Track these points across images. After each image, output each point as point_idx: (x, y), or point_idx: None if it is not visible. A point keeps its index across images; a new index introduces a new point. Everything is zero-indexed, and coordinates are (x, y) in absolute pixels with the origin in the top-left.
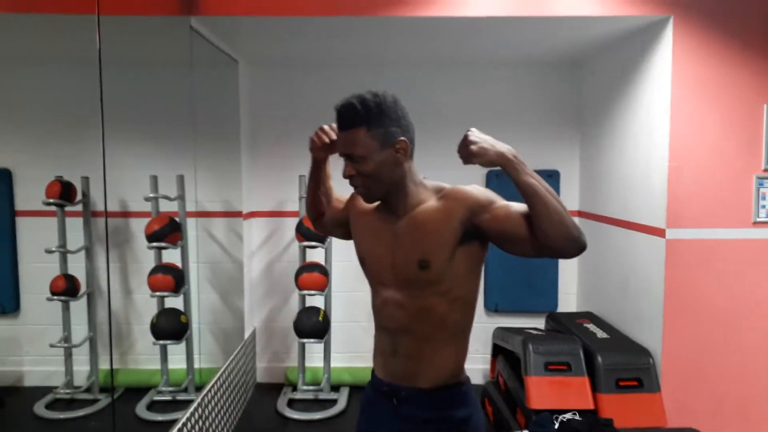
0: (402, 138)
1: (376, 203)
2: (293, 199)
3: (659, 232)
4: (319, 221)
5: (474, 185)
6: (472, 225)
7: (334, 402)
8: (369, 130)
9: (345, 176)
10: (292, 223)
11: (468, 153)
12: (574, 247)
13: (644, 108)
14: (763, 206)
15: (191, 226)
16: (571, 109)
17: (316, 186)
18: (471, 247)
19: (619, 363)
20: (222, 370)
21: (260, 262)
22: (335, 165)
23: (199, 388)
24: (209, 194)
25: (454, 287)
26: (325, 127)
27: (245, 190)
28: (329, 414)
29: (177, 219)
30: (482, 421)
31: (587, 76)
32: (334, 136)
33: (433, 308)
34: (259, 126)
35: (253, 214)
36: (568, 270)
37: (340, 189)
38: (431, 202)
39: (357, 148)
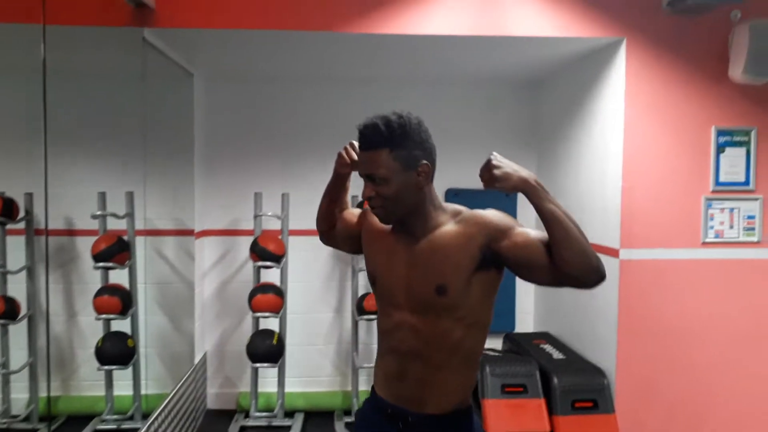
0: (425, 162)
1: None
2: (248, 218)
3: (613, 252)
4: (329, 233)
5: (492, 210)
6: (490, 251)
7: (288, 429)
8: (392, 152)
9: (365, 197)
10: (246, 242)
11: (491, 177)
12: (595, 276)
13: (599, 129)
14: (711, 227)
15: (140, 245)
16: (528, 129)
17: (333, 200)
18: (488, 273)
19: (575, 384)
20: (170, 396)
21: (212, 283)
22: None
23: (146, 416)
24: (160, 212)
25: (470, 313)
26: (355, 142)
27: (198, 208)
28: None
29: (125, 238)
30: None
31: (544, 97)
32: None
33: (448, 334)
34: (214, 141)
35: (205, 233)
36: (524, 290)
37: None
38: (449, 226)
39: (379, 170)
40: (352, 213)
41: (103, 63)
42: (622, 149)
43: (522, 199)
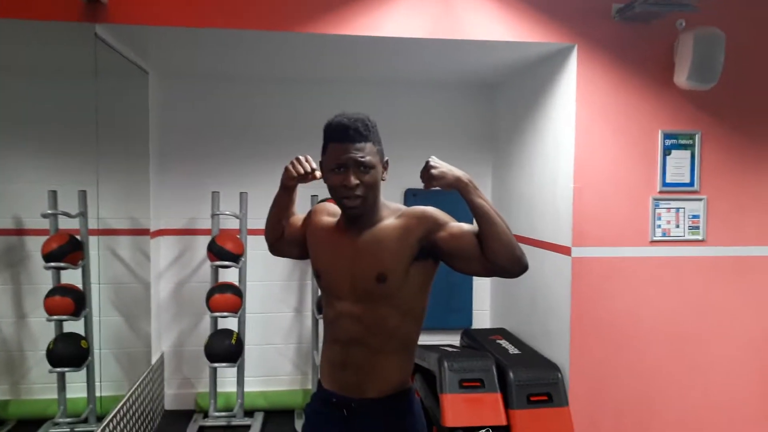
0: (387, 158)
1: (335, 219)
2: (205, 217)
3: (565, 251)
4: (277, 244)
5: (431, 207)
6: (428, 242)
7: (247, 428)
8: (374, 146)
9: (349, 185)
10: (203, 241)
11: (429, 177)
12: (518, 266)
13: (551, 132)
14: (659, 226)
15: (93, 244)
16: (484, 132)
17: (281, 212)
18: (425, 264)
19: (530, 379)
20: (126, 397)
21: (169, 283)
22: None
23: (100, 418)
24: (114, 211)
25: (407, 301)
26: (301, 157)
27: (153, 207)
28: None
29: (78, 237)
30: (425, 427)
31: (499, 100)
32: (310, 167)
33: (386, 321)
34: (170, 140)
35: (161, 232)
36: (482, 287)
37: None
38: (391, 220)
39: (370, 157)
40: (297, 218)
41: (54, 59)
42: (574, 151)
43: None
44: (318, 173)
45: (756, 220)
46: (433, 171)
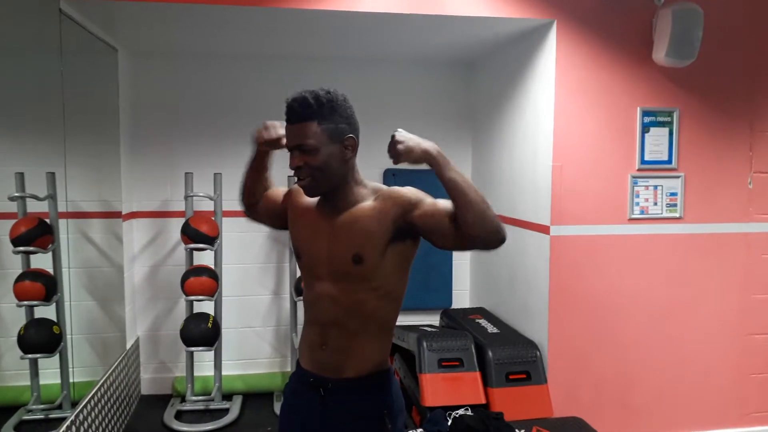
0: (350, 135)
1: (315, 199)
2: (179, 198)
3: (544, 229)
4: (252, 208)
5: (409, 187)
6: (404, 222)
7: (226, 411)
8: (320, 124)
9: (292, 167)
10: (178, 223)
11: (396, 152)
12: (496, 238)
13: (531, 109)
14: (637, 203)
15: (63, 228)
16: (463, 109)
17: (255, 175)
18: (402, 245)
19: (509, 357)
20: (101, 383)
21: (143, 267)
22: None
23: (75, 404)
24: (84, 193)
25: (385, 283)
26: (269, 123)
27: (125, 189)
28: (221, 424)
29: (47, 220)
30: (403, 407)
31: (479, 77)
32: (280, 132)
33: (364, 302)
34: (141, 119)
35: (134, 215)
36: (461, 267)
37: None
38: (369, 202)
39: (308, 140)
40: (278, 191)
41: (18, 36)
42: (553, 129)
43: None
44: (284, 141)
45: (731, 197)
46: (400, 147)
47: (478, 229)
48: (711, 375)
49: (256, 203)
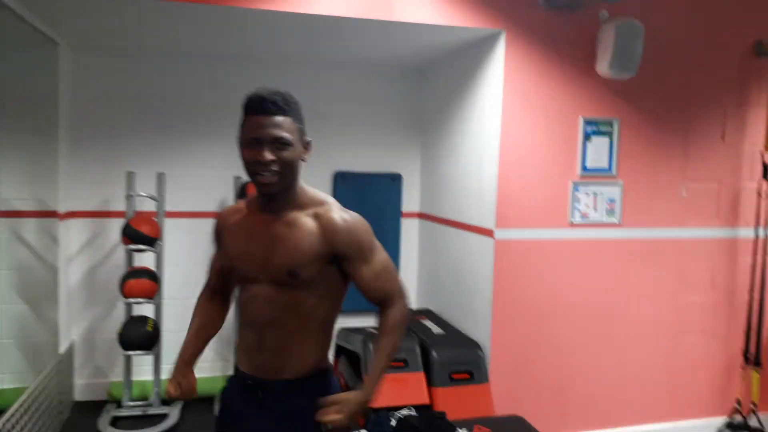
0: (309, 139)
1: (242, 209)
2: (119, 198)
3: (489, 233)
4: (231, 289)
5: (355, 222)
6: (338, 262)
7: (164, 417)
8: (293, 122)
9: (264, 161)
10: (118, 224)
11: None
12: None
13: (478, 116)
14: (578, 209)
15: None
16: (413, 114)
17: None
18: (337, 267)
19: (453, 357)
20: (31, 389)
21: (80, 268)
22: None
23: (2, 412)
24: (18, 191)
25: (323, 286)
26: (167, 393)
27: (63, 188)
28: (159, 429)
29: None
30: None
31: (429, 83)
32: (189, 384)
33: (302, 303)
34: (82, 116)
35: (71, 215)
36: (408, 269)
37: None
38: (309, 218)
39: (286, 133)
40: (218, 263)
41: None
42: (499, 136)
43: (407, 182)
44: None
45: (666, 204)
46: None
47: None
48: (645, 373)
49: (229, 291)
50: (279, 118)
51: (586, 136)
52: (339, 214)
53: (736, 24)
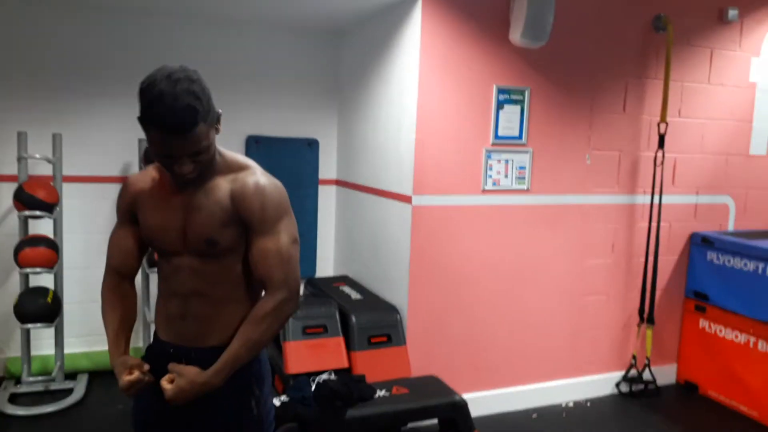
0: (219, 111)
1: (153, 178)
2: (10, 161)
3: (407, 199)
4: (137, 267)
5: (271, 189)
6: (245, 229)
7: (69, 391)
8: (204, 121)
9: (183, 173)
10: (9, 189)
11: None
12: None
13: (396, 82)
14: (490, 176)
15: None
16: (330, 79)
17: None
18: None
19: (371, 321)
20: None
21: None
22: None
23: None
24: None
25: (244, 250)
26: (125, 385)
27: None
28: (64, 405)
29: None
30: (269, 371)
31: (346, 47)
32: (139, 376)
33: (227, 271)
34: None
35: None
36: (326, 235)
37: None
38: (225, 183)
39: (201, 144)
40: (123, 239)
41: None
42: (416, 102)
43: (324, 149)
44: (146, 367)
45: (571, 171)
46: (176, 401)
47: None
48: (551, 333)
49: (137, 266)
50: (191, 133)
51: (499, 105)
52: (255, 178)
53: None
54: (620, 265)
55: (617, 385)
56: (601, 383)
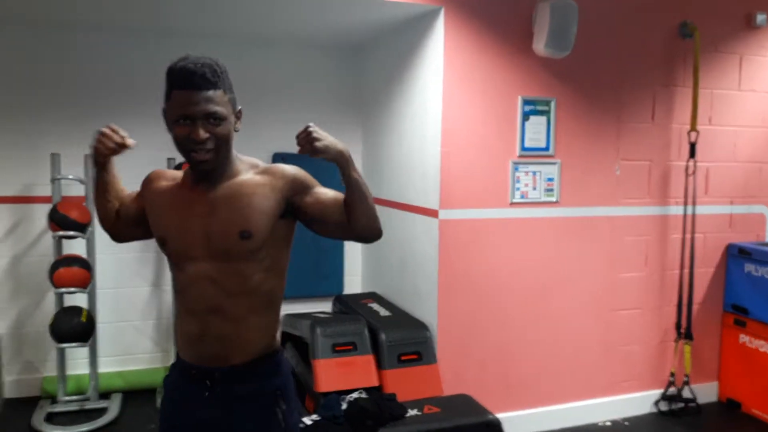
0: (240, 107)
1: (178, 179)
2: (44, 182)
3: (433, 213)
4: (114, 230)
5: (294, 166)
6: (292, 204)
7: (104, 411)
8: (225, 93)
9: (198, 139)
10: (43, 210)
11: (314, 148)
12: (376, 235)
13: (419, 95)
14: (518, 188)
15: None
16: (352, 94)
17: (103, 193)
18: (288, 222)
19: (401, 339)
20: None
21: (2, 258)
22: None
23: None
24: None
25: (270, 257)
26: (106, 130)
27: None
28: (98, 424)
29: None
30: (293, 387)
31: (368, 62)
32: (120, 137)
33: (249, 277)
34: None
35: None
36: (352, 253)
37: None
38: (250, 175)
39: (219, 107)
40: (130, 195)
41: None
42: (441, 115)
43: None
44: (130, 141)
45: (600, 182)
46: (318, 144)
47: (367, 227)
48: (583, 349)
49: (115, 222)
50: (210, 92)
51: (525, 116)
52: (280, 164)
53: (662, 4)
54: (654, 279)
55: (656, 403)
56: (639, 402)
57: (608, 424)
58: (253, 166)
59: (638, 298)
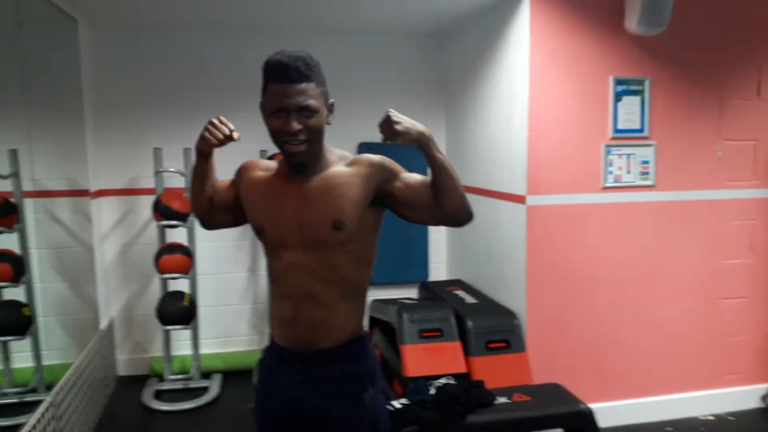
0: (333, 100)
1: (273, 169)
2: (148, 175)
3: (520, 199)
4: (207, 217)
5: (380, 156)
6: (383, 191)
7: (205, 390)
8: (318, 86)
9: (292, 131)
10: (148, 201)
11: (394, 132)
12: (467, 216)
13: (505, 79)
14: (611, 172)
15: (29, 207)
16: (437, 80)
17: (202, 182)
18: (377, 211)
19: (488, 326)
20: (76, 365)
21: (114, 246)
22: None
23: (49, 387)
24: (50, 171)
25: (358, 248)
26: (215, 120)
27: (92, 166)
28: (201, 402)
29: (12, 200)
30: (380, 372)
31: (452, 48)
32: (228, 129)
33: (338, 267)
34: (105, 94)
35: (102, 193)
36: (437, 240)
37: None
38: (341, 167)
39: (312, 100)
40: (223, 182)
41: None
42: (528, 99)
43: None
44: (236, 135)
45: (701, 165)
46: (398, 127)
47: (456, 208)
48: (683, 339)
49: (209, 210)
50: (303, 85)
51: (617, 96)
52: (367, 154)
53: None
54: (761, 266)
55: (763, 398)
56: (744, 395)
57: (711, 418)
58: (342, 157)
59: (744, 286)
